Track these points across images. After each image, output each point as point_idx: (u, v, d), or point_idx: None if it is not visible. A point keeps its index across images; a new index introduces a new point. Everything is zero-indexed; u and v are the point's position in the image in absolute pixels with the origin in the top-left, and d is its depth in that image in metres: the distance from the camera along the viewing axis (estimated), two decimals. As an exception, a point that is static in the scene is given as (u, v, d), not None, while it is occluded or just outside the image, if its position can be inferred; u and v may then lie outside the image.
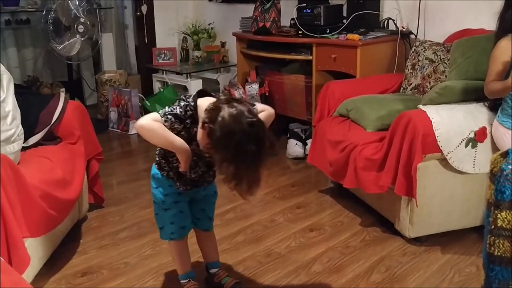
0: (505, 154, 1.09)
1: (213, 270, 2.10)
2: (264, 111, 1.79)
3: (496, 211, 1.07)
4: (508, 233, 1.05)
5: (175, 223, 1.95)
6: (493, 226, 1.08)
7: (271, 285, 2.13)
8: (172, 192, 1.90)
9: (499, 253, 1.07)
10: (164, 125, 1.68)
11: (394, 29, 3.46)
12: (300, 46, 3.57)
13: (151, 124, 1.67)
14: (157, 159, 1.89)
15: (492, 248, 1.08)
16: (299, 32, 3.55)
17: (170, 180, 1.88)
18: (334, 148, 2.70)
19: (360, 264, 2.27)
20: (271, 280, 2.16)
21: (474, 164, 2.29)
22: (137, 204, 2.92)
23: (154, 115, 1.69)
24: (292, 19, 3.65)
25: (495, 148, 2.29)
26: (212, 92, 1.83)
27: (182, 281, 2.03)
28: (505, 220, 1.05)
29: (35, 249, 2.03)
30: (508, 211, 1.05)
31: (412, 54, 3.10)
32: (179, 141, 1.70)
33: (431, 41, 3.06)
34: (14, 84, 2.29)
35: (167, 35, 4.93)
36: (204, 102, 1.69)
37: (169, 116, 1.68)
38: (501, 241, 1.06)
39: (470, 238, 2.43)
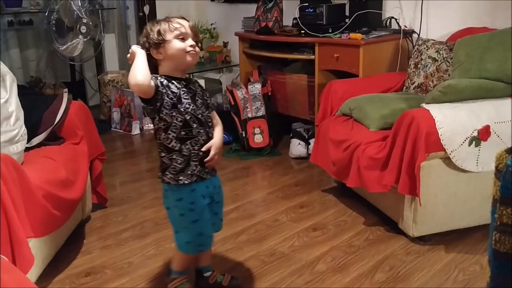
0: (510, 150, 1.09)
1: (207, 274, 2.09)
2: (218, 125, 1.92)
3: (501, 208, 1.07)
4: (513, 229, 1.05)
5: (204, 233, 1.89)
6: (498, 223, 1.07)
7: (275, 284, 2.12)
8: (197, 197, 1.83)
9: (504, 250, 1.06)
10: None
11: (397, 28, 3.46)
12: (302, 46, 3.57)
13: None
14: (169, 170, 1.80)
15: (498, 245, 1.08)
16: (302, 31, 3.55)
17: (191, 185, 1.81)
18: (337, 147, 2.70)
19: (364, 263, 2.26)
20: (275, 279, 2.16)
21: (477, 163, 2.29)
22: (140, 204, 2.92)
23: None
24: (295, 18, 3.65)
25: (498, 146, 2.28)
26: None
27: (173, 276, 2.00)
28: (511, 216, 1.04)
29: (39, 249, 2.03)
30: (514, 208, 1.05)
31: (415, 53, 3.10)
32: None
33: (434, 40, 3.05)
34: (17, 85, 2.29)
35: (169, 36, 4.92)
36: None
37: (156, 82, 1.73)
38: (507, 238, 1.06)
39: (474, 237, 2.42)
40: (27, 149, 2.32)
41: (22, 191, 1.89)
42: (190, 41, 1.80)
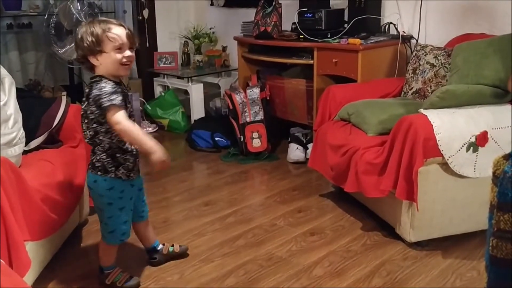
0: (508, 157, 1.10)
1: (160, 247, 2.32)
2: None
3: (498, 214, 1.07)
4: (510, 235, 1.05)
5: (127, 222, 2.07)
6: (496, 229, 1.08)
7: (272, 289, 2.13)
8: (127, 186, 2.01)
9: (501, 256, 1.07)
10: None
11: (395, 33, 3.47)
12: (301, 51, 3.57)
13: (129, 127, 1.83)
14: (99, 165, 1.96)
15: (495, 251, 1.08)
16: (300, 36, 3.56)
17: (119, 179, 1.98)
18: (335, 152, 2.70)
19: (361, 268, 2.26)
20: (272, 284, 2.16)
21: (475, 169, 2.29)
22: (138, 208, 2.92)
23: (120, 114, 1.83)
24: (294, 23, 3.65)
25: (496, 152, 2.28)
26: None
27: (108, 271, 2.13)
28: (508, 222, 1.05)
29: (36, 253, 2.03)
30: (510, 214, 1.05)
31: (413, 58, 3.11)
32: (153, 142, 1.85)
33: (432, 46, 3.06)
34: (16, 88, 2.30)
35: (168, 39, 4.94)
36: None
37: (119, 101, 1.84)
38: (504, 244, 1.06)
39: (472, 242, 2.42)
40: (25, 152, 2.32)
41: (20, 194, 1.88)
42: (127, 52, 1.89)
